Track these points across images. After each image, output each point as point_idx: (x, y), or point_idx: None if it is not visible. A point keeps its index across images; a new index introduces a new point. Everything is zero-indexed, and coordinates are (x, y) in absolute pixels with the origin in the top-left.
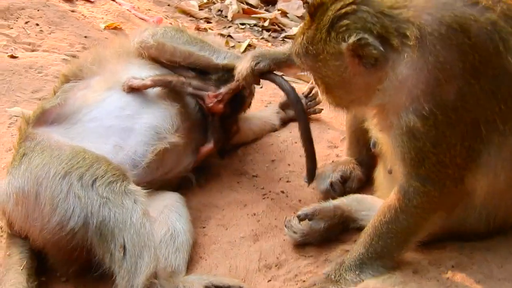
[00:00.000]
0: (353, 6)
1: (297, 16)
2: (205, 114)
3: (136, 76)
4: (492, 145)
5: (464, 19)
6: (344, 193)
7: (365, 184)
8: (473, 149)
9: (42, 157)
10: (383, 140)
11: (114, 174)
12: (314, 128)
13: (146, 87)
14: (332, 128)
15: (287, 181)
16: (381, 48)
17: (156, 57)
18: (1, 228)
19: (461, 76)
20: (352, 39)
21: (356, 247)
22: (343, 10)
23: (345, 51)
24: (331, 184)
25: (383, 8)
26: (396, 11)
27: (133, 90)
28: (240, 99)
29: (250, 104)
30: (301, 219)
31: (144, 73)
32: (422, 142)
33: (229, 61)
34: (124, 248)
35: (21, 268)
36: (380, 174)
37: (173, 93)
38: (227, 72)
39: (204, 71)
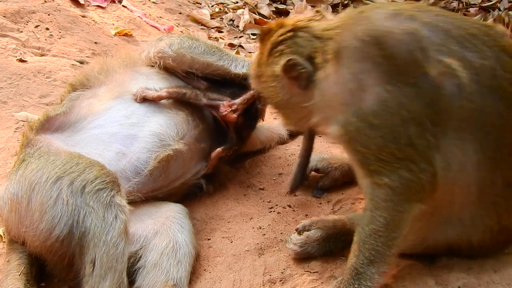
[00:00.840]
0: (290, 33)
1: None
2: (217, 123)
3: (149, 87)
4: (437, 149)
5: (378, 32)
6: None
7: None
8: (413, 144)
9: (38, 162)
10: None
11: (103, 181)
12: (324, 140)
13: (161, 98)
14: None
15: (294, 195)
16: (309, 67)
17: (172, 67)
18: (3, 234)
19: (377, 84)
20: (283, 61)
21: (349, 260)
22: (281, 37)
23: (280, 73)
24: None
25: (317, 32)
26: (327, 32)
27: (146, 101)
28: (254, 111)
29: (264, 114)
30: (299, 231)
31: (152, 82)
32: (355, 145)
33: (248, 69)
34: (94, 264)
35: (19, 273)
36: None
37: (179, 101)
38: (242, 87)
39: (218, 84)
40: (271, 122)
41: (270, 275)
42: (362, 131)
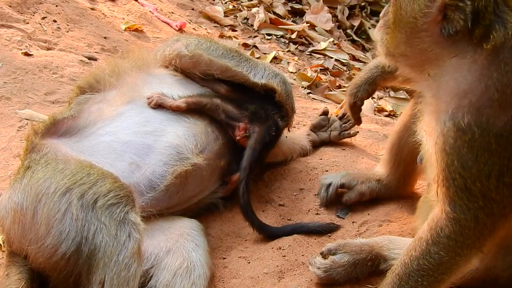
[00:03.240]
0: None
1: (325, 30)
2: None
3: (164, 92)
4: None
5: None
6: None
7: (391, 209)
8: None
9: (45, 170)
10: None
11: (117, 195)
12: (348, 154)
13: (179, 109)
14: (366, 155)
15: (317, 214)
16: (468, 24)
17: (188, 68)
18: (3, 243)
19: None
20: None
21: None
22: None
23: (438, 1)
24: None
25: None
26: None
27: (161, 107)
28: (274, 133)
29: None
30: (324, 255)
31: (166, 87)
32: (451, 158)
33: (267, 80)
34: (103, 285)
35: None
36: (423, 200)
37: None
38: (265, 106)
39: (242, 91)
40: (294, 132)
41: None
42: (473, 147)
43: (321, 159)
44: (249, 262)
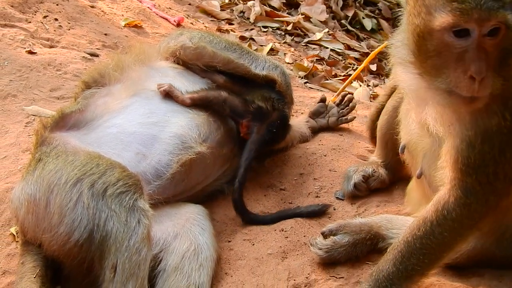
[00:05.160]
0: None
1: (320, 21)
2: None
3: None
4: None
5: None
6: (368, 191)
7: (388, 190)
8: None
9: (56, 162)
10: (425, 139)
11: (126, 184)
12: (345, 139)
13: (183, 104)
14: (363, 140)
15: (316, 196)
16: None
17: (192, 59)
18: (17, 234)
19: None
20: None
21: (383, 266)
22: None
23: None
24: (355, 185)
25: None
26: None
27: (168, 97)
28: (277, 131)
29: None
30: (325, 235)
31: (168, 79)
32: (492, 145)
33: (268, 72)
34: (115, 270)
35: (34, 276)
36: (412, 187)
37: None
38: (269, 99)
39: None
40: (293, 120)
41: (294, 280)
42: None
43: (319, 144)
44: (253, 244)
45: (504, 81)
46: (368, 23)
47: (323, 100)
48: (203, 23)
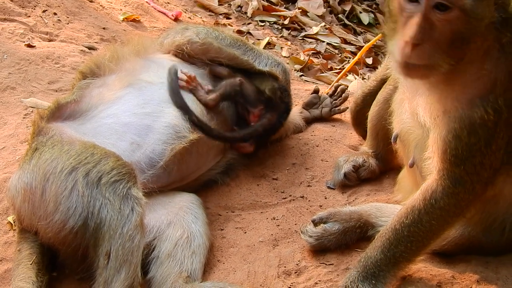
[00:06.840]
0: None
1: (317, 15)
2: (239, 115)
3: (160, 76)
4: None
5: None
6: (358, 181)
7: (378, 179)
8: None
9: (52, 152)
10: (416, 129)
11: (120, 173)
12: (337, 129)
13: (208, 106)
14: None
15: (308, 186)
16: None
17: (197, 54)
18: (14, 222)
19: None
20: None
21: (372, 253)
22: None
23: None
24: (345, 175)
25: None
26: None
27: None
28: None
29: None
30: (316, 223)
31: (164, 72)
32: (478, 137)
33: (270, 68)
34: (109, 256)
35: (31, 263)
36: (404, 176)
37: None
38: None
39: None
40: None
41: (285, 267)
42: (500, 125)
43: (312, 135)
44: (245, 232)
45: (455, 64)
46: (365, 18)
47: (316, 91)
48: (200, 17)
